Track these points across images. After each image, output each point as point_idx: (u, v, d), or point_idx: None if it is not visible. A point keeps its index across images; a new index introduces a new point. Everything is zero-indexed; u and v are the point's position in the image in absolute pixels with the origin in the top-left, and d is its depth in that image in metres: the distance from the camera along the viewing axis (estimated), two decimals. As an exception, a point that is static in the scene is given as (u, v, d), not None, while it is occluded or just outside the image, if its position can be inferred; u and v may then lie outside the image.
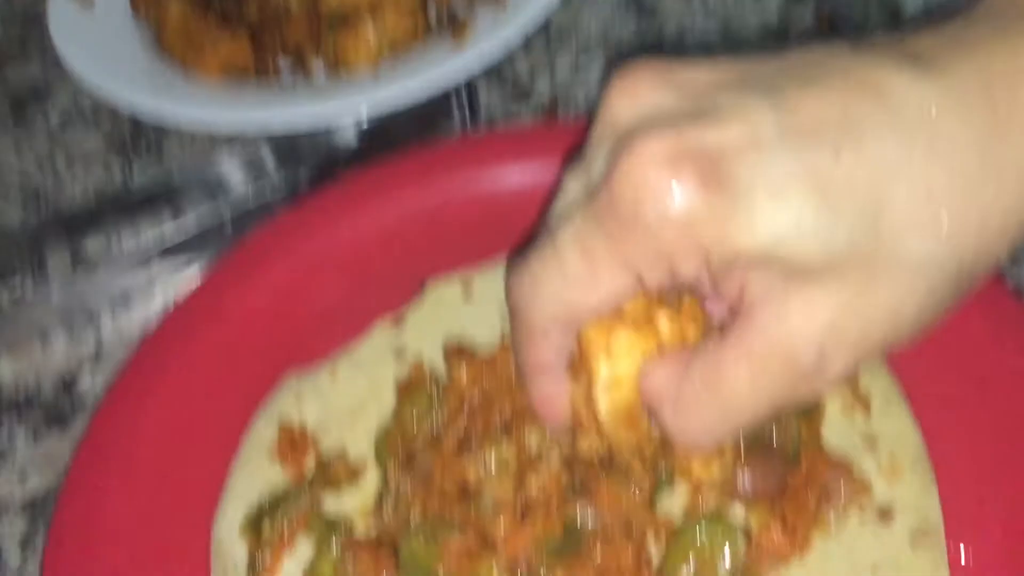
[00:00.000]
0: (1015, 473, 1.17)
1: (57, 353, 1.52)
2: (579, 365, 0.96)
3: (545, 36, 1.85)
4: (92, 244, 1.68)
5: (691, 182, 0.78)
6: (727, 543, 1.08)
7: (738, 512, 1.13)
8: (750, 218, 0.79)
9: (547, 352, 0.97)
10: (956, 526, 1.15)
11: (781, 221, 0.79)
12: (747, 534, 1.10)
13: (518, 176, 1.58)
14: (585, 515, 1.12)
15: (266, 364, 1.41)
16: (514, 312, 0.97)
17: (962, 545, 1.13)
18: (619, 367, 0.92)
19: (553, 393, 1.01)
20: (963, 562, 1.12)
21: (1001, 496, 1.16)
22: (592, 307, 0.90)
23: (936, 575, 1.11)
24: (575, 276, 0.87)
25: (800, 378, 0.86)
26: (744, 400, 0.88)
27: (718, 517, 1.11)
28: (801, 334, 0.83)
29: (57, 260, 1.65)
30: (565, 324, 0.93)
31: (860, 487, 1.16)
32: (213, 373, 1.40)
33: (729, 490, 1.11)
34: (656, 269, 0.85)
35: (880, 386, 1.27)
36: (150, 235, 1.62)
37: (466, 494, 1.17)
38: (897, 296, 0.82)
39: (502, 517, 1.12)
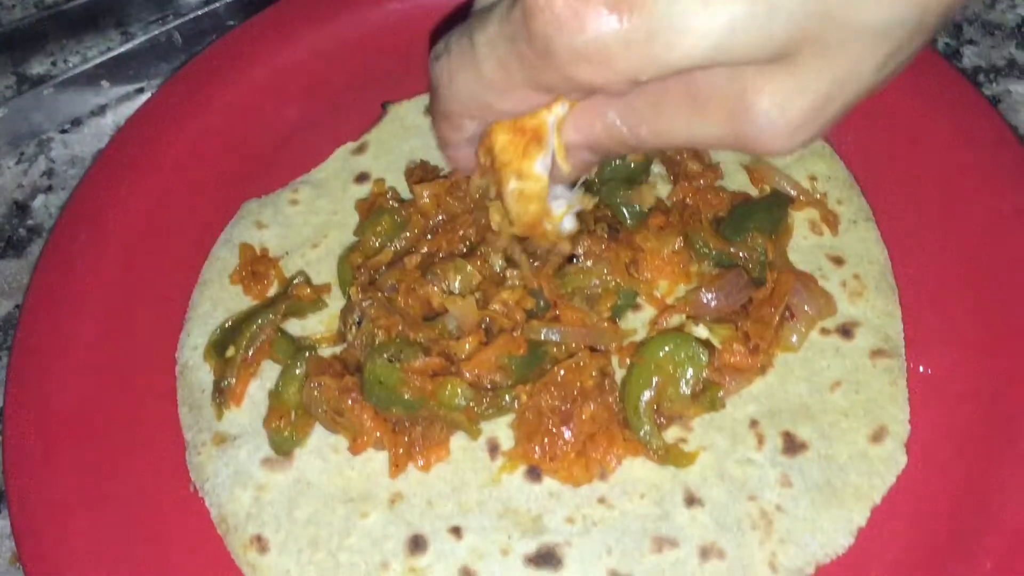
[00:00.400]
0: (977, 294, 1.17)
1: (7, 178, 1.47)
2: (490, 167, 0.97)
3: None
4: (37, 66, 1.60)
5: (602, 10, 0.75)
6: (689, 358, 1.09)
7: (701, 332, 1.13)
8: (679, 33, 0.75)
9: (460, 135, 0.98)
10: (916, 344, 1.16)
11: (714, 27, 0.75)
12: (710, 350, 1.11)
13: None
14: (549, 335, 1.12)
15: (224, 190, 1.37)
16: (433, 93, 0.96)
17: (921, 366, 1.15)
18: (527, 185, 0.95)
19: (464, 157, 1.02)
20: (921, 370, 1.13)
21: (961, 316, 1.17)
22: (505, 111, 0.90)
23: (895, 390, 1.12)
24: (490, 83, 0.87)
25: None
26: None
27: (681, 333, 1.11)
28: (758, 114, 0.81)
29: (4, 86, 1.58)
30: (478, 118, 0.94)
31: (824, 300, 1.16)
32: (169, 198, 1.35)
33: (694, 309, 1.11)
34: (572, 92, 0.84)
35: (850, 206, 1.26)
36: (97, 54, 1.54)
37: (430, 315, 1.16)
38: (854, 63, 0.80)
39: (466, 337, 1.12)
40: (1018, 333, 1.13)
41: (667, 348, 1.08)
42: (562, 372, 1.09)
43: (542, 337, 1.11)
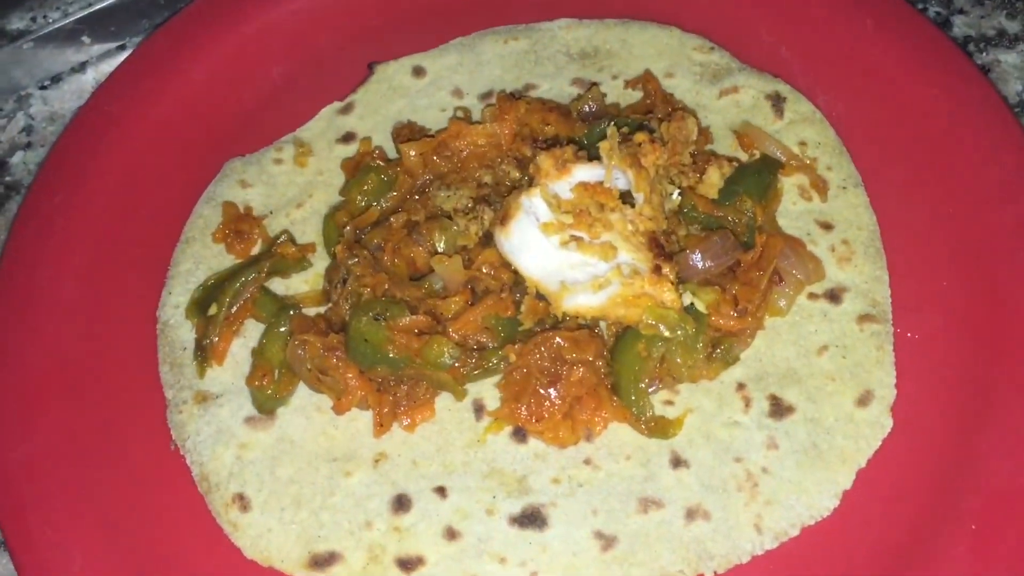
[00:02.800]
0: (964, 261, 1.17)
1: (-13, 135, 1.45)
2: None
3: None
4: (16, 21, 1.57)
5: None
6: (680, 322, 1.08)
7: (687, 298, 1.12)
8: None
9: None
10: (903, 309, 1.16)
11: None
12: (699, 313, 1.10)
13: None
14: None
15: (207, 148, 1.34)
16: None
17: (908, 332, 1.14)
18: None
19: None
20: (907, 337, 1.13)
21: (948, 283, 1.16)
22: None
23: (882, 354, 1.12)
24: None
25: None
26: None
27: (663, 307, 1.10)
28: None
29: (-19, 40, 1.55)
30: None
31: (812, 265, 1.16)
32: (150, 156, 1.33)
33: (682, 271, 1.10)
34: None
35: (839, 172, 1.25)
36: (77, 10, 1.51)
37: (416, 275, 1.15)
38: None
39: (453, 297, 1.11)
40: (1004, 300, 1.13)
41: (653, 323, 1.07)
42: (559, 339, 1.08)
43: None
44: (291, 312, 1.15)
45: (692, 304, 1.10)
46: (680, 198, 1.17)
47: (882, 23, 1.32)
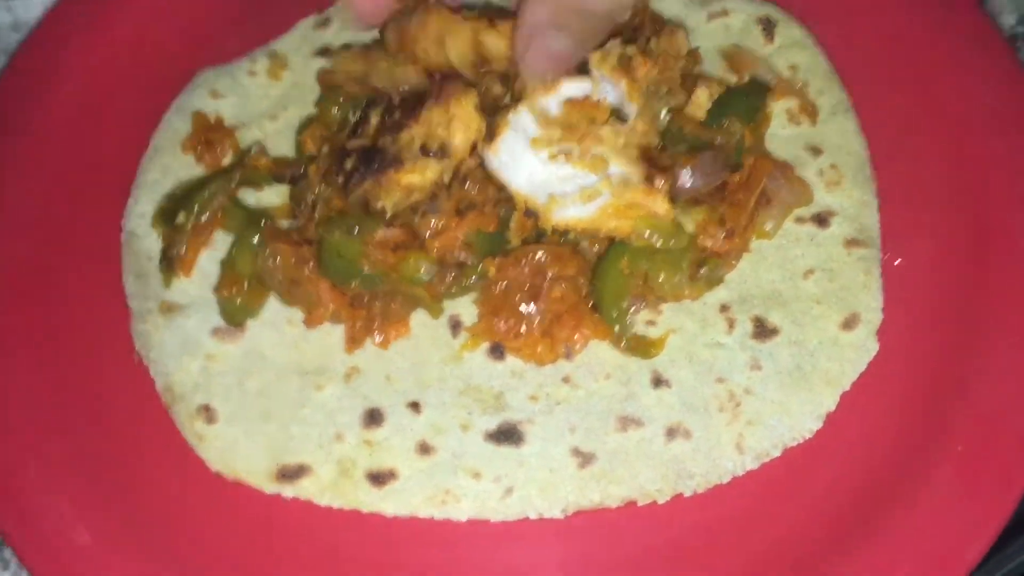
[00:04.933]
0: (954, 188, 1.15)
1: (-55, 40, 1.39)
2: None
3: None
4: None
5: None
6: (672, 241, 1.05)
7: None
8: None
9: None
10: (891, 236, 1.14)
11: None
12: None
13: None
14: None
15: (178, 59, 1.29)
16: None
17: (896, 259, 1.12)
18: None
19: None
20: (895, 263, 1.11)
21: (937, 210, 1.14)
22: None
23: (869, 279, 1.10)
24: None
25: None
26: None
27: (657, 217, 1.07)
28: None
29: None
30: None
31: (800, 187, 1.13)
32: (117, 65, 1.28)
33: (671, 188, 1.06)
34: None
35: (829, 97, 1.22)
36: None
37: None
38: None
39: (435, 210, 1.07)
40: (994, 228, 1.11)
41: (646, 233, 1.04)
42: (540, 254, 1.05)
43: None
44: (263, 222, 1.11)
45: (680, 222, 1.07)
46: (668, 118, 1.13)
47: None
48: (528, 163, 1.05)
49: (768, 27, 1.27)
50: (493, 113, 1.07)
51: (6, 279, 1.12)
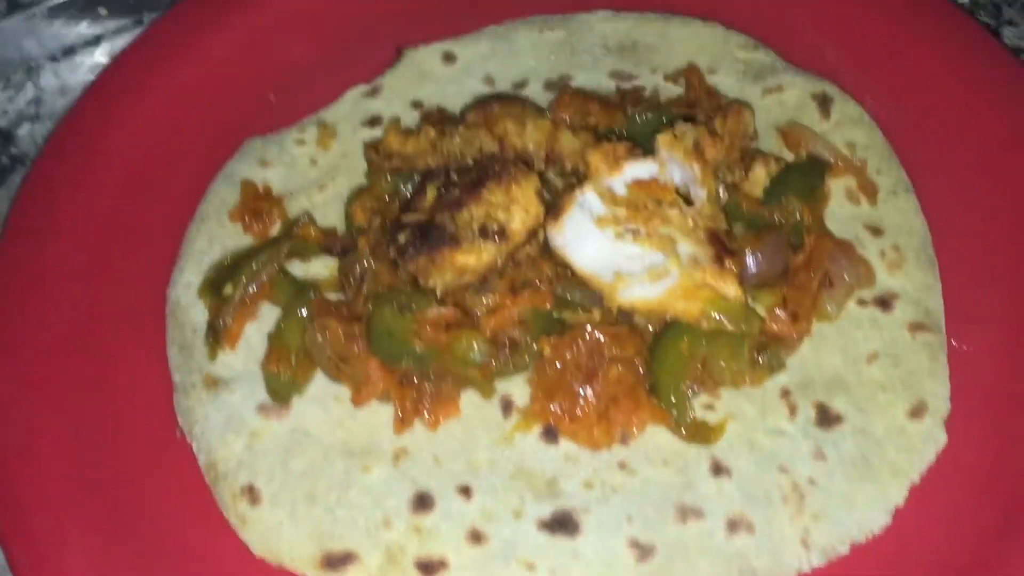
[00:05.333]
0: (1019, 272, 1.12)
1: (-6, 106, 1.38)
2: None
3: None
4: (31, -8, 1.51)
5: None
6: (740, 325, 1.01)
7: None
8: None
9: None
10: (954, 320, 1.10)
11: None
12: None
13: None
14: (579, 295, 1.04)
15: (225, 125, 1.28)
16: None
17: (958, 341, 1.09)
18: None
19: None
20: (961, 348, 1.07)
21: (1002, 294, 1.11)
22: None
23: (935, 365, 1.06)
24: None
25: None
26: None
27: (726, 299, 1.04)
28: None
29: (-8, 9, 1.49)
30: None
31: (862, 269, 1.10)
32: (167, 130, 1.27)
33: (738, 270, 1.03)
34: None
35: (888, 176, 1.19)
36: (95, -17, 1.46)
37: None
38: None
39: (487, 289, 1.04)
40: (1063, 312, 1.08)
41: (715, 316, 1.01)
42: (598, 334, 1.02)
43: (573, 296, 1.04)
44: (311, 296, 1.08)
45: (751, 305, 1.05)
46: (726, 195, 1.11)
47: (932, 27, 1.28)
48: (593, 241, 1.03)
49: (824, 103, 1.25)
50: (554, 200, 1.06)
51: (52, 344, 1.09)
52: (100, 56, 1.43)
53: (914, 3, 1.30)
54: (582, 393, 1.02)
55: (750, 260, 1.05)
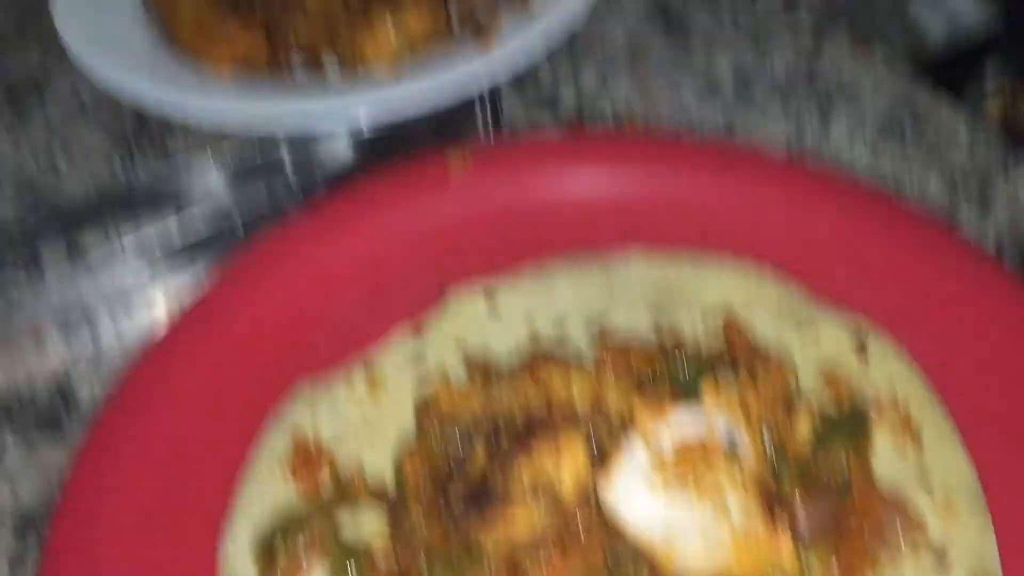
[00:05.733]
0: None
1: (52, 355, 1.43)
2: None
3: (570, 44, 1.78)
4: (90, 241, 1.59)
5: None
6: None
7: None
8: None
9: None
10: (1013, 569, 1.09)
11: None
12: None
13: (543, 186, 1.51)
14: (630, 555, 1.04)
15: (278, 372, 1.33)
16: None
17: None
18: None
19: None
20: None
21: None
22: None
23: (996, 622, 1.04)
24: None
25: None
26: None
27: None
28: None
29: (53, 257, 1.56)
30: None
31: (915, 525, 1.10)
32: (221, 381, 1.31)
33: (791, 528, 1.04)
34: None
35: (930, 417, 1.21)
36: (153, 234, 1.53)
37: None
38: None
39: (539, 550, 1.04)
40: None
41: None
42: None
43: (625, 560, 1.04)
44: (361, 561, 1.09)
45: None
46: (771, 447, 1.12)
47: (966, 272, 1.31)
48: (644, 499, 1.04)
49: (862, 347, 1.28)
50: (601, 453, 1.07)
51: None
52: (157, 303, 1.49)
53: (945, 247, 1.35)
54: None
55: (801, 515, 1.05)
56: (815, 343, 1.29)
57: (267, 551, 1.12)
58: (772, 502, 1.02)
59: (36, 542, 1.23)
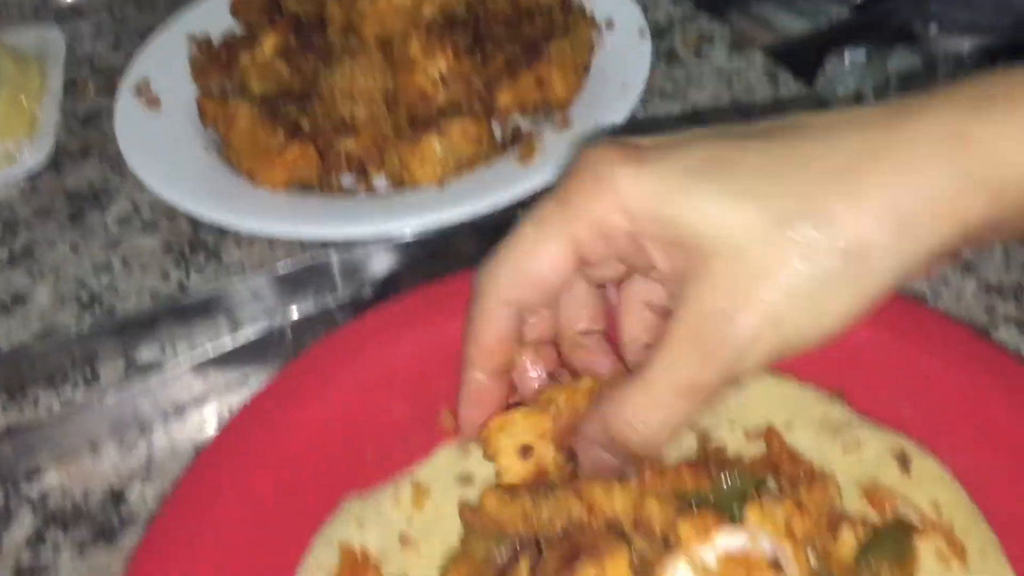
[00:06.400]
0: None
1: (106, 464, 1.47)
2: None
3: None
4: (146, 352, 1.64)
5: (620, 159, 0.90)
6: None
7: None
8: (680, 196, 0.89)
9: (492, 336, 1.12)
10: None
11: (714, 207, 0.89)
12: None
13: (585, 297, 1.55)
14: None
15: (326, 485, 1.36)
16: (472, 299, 1.13)
17: None
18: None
19: (479, 401, 1.22)
20: None
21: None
22: (537, 277, 1.03)
23: None
24: (525, 242, 1.02)
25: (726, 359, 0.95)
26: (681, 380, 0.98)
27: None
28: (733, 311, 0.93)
29: (110, 367, 1.62)
30: (514, 302, 1.08)
31: (963, 643, 1.09)
32: (270, 493, 1.34)
33: None
34: (593, 239, 0.97)
35: (976, 534, 1.21)
36: (207, 344, 1.59)
37: (542, 638, 1.10)
38: (833, 287, 0.92)
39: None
40: None
41: None
42: None
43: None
44: None
45: None
46: (816, 563, 1.13)
47: (1004, 382, 1.32)
48: None
49: (904, 460, 1.28)
50: (645, 569, 1.08)
51: None
52: (209, 414, 1.53)
53: (985, 359, 1.36)
54: None
55: (843, 641, 1.05)
56: (859, 461, 1.29)
57: (316, 667, 1.13)
58: (818, 618, 1.02)
59: (90, 654, 1.25)
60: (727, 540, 1.08)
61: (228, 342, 1.56)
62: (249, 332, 1.58)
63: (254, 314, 1.63)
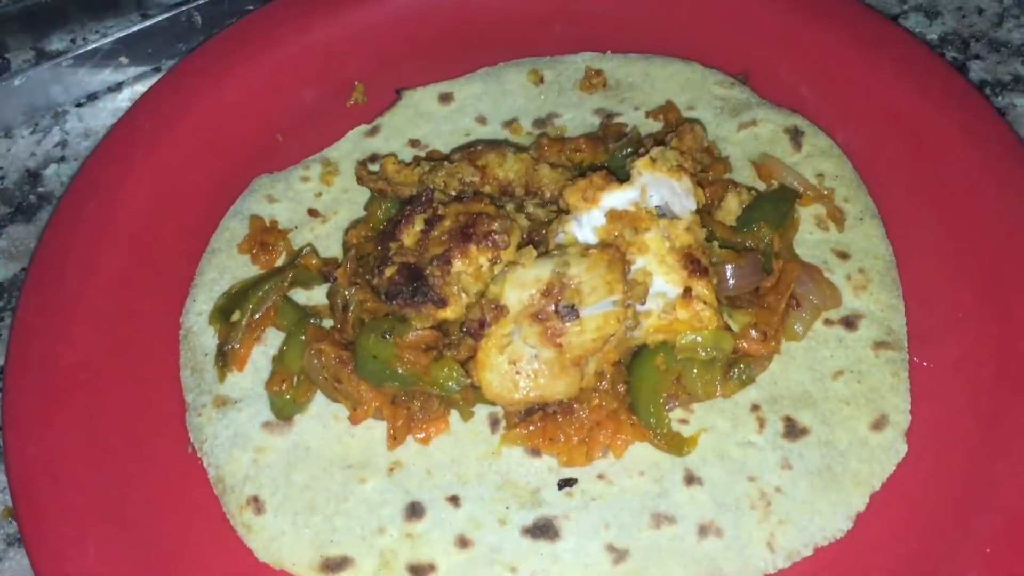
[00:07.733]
0: (979, 293, 1.18)
1: (21, 146, 1.48)
2: None
3: None
4: (56, 41, 1.62)
5: None
6: (715, 341, 1.09)
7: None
8: None
9: None
10: (917, 338, 1.17)
11: None
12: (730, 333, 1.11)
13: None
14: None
15: (236, 164, 1.38)
16: None
17: (920, 359, 1.15)
18: None
19: None
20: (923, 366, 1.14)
21: (963, 313, 1.17)
22: None
23: (897, 381, 1.13)
24: None
25: None
26: None
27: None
28: None
29: (20, 56, 1.59)
30: None
31: (829, 291, 1.17)
32: (181, 170, 1.36)
33: (717, 284, 1.11)
34: None
35: (856, 203, 1.27)
36: (116, 32, 1.56)
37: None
38: None
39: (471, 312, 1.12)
40: (1020, 331, 1.14)
41: (694, 337, 1.09)
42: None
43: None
44: (310, 322, 1.17)
45: (728, 325, 1.12)
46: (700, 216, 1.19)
47: (901, 63, 1.35)
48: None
49: (796, 136, 1.33)
50: (535, 231, 1.14)
51: (71, 374, 1.17)
52: (122, 101, 1.53)
53: (884, 41, 1.38)
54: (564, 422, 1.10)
55: (728, 272, 1.12)
56: (754, 138, 1.33)
57: (224, 317, 1.19)
58: (695, 264, 1.08)
59: (9, 312, 1.31)
60: (616, 198, 1.13)
61: (137, 26, 1.53)
62: (158, 17, 1.54)
63: (162, 2, 1.59)
